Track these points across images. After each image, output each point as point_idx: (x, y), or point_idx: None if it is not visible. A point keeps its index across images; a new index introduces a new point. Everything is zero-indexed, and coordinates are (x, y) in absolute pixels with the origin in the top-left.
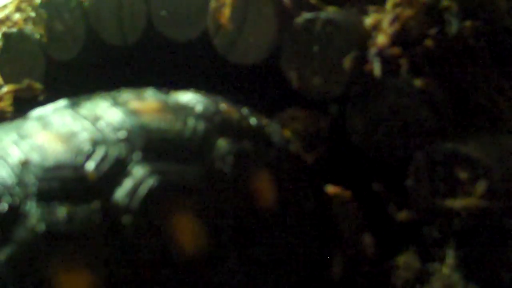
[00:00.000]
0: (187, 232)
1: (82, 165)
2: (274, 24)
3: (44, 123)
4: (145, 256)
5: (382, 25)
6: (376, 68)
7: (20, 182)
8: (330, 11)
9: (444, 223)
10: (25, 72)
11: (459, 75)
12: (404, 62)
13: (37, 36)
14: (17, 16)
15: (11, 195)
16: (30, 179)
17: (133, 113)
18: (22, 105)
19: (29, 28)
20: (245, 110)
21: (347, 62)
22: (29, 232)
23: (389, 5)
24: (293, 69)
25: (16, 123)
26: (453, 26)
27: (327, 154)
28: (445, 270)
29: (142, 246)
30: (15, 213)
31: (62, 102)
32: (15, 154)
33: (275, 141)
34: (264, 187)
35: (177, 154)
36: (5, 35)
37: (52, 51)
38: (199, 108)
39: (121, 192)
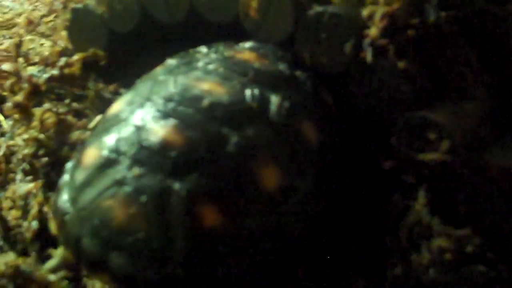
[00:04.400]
0: (312, 131)
1: (244, 100)
2: (291, 14)
3: (195, 76)
4: (300, 149)
5: (375, 18)
6: (368, 55)
7: (214, 116)
8: (336, 4)
9: (417, 171)
10: (90, 40)
11: (435, 56)
12: (391, 48)
13: (99, 11)
14: None
15: (217, 125)
16: (220, 113)
17: (246, 61)
18: (87, 68)
19: (92, 4)
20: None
21: (348, 47)
22: (233, 148)
23: None
24: (306, 51)
25: (166, 80)
26: (431, 16)
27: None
28: (418, 206)
29: (296, 145)
30: (218, 136)
31: (175, 60)
32: (200, 98)
33: None
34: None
35: (286, 85)
36: (74, 10)
37: (112, 24)
38: (272, 52)
39: (272, 114)
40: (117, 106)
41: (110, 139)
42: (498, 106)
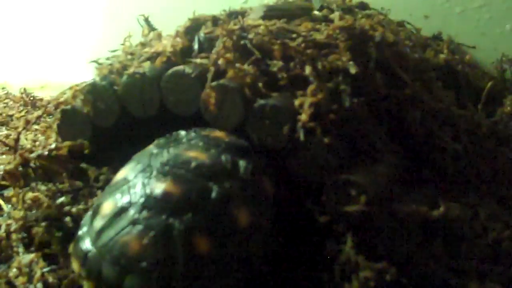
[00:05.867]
0: (269, 186)
1: (221, 162)
2: (241, 107)
3: (182, 147)
4: (262, 198)
5: (304, 106)
6: (301, 135)
7: (200, 174)
8: (274, 97)
9: (345, 221)
10: (77, 134)
11: (352, 132)
12: (318, 129)
13: (85, 111)
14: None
15: (203, 180)
16: (205, 172)
17: (218, 137)
18: (74, 155)
19: (79, 105)
20: None
21: (285, 130)
22: (216, 195)
23: (308, 90)
24: (254, 133)
25: (160, 152)
26: (346, 102)
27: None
28: (347, 249)
29: (259, 195)
30: (204, 188)
31: (163, 139)
32: (188, 162)
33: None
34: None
35: (248, 154)
36: (63, 110)
37: (96, 120)
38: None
39: (241, 173)
40: (122, 173)
41: (122, 193)
42: (403, 168)
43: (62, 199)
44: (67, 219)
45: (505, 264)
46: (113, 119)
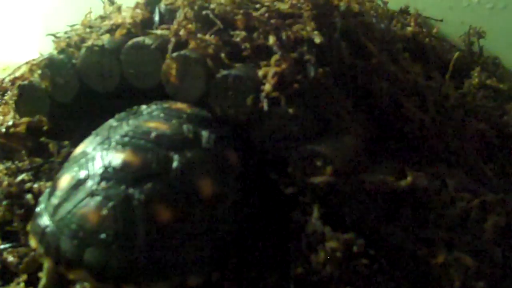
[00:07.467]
0: (234, 157)
1: (183, 132)
2: (203, 78)
3: (142, 119)
4: (226, 168)
5: (268, 76)
6: (265, 105)
7: (161, 144)
8: (238, 67)
9: (311, 192)
10: (35, 111)
11: (317, 103)
12: (282, 99)
13: (43, 86)
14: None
15: (164, 150)
16: (165, 141)
17: (180, 109)
18: (33, 132)
19: (36, 80)
20: None
21: (249, 101)
22: (177, 164)
23: (272, 60)
24: (217, 105)
25: (120, 124)
26: (311, 72)
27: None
28: (313, 220)
29: (223, 165)
30: (165, 157)
31: (124, 113)
32: (148, 132)
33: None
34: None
35: (211, 124)
36: (20, 86)
37: (55, 96)
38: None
39: (204, 143)
40: (81, 147)
41: (80, 166)
42: (370, 139)
43: (22, 176)
44: (29, 196)
45: (473, 233)
46: (73, 94)
